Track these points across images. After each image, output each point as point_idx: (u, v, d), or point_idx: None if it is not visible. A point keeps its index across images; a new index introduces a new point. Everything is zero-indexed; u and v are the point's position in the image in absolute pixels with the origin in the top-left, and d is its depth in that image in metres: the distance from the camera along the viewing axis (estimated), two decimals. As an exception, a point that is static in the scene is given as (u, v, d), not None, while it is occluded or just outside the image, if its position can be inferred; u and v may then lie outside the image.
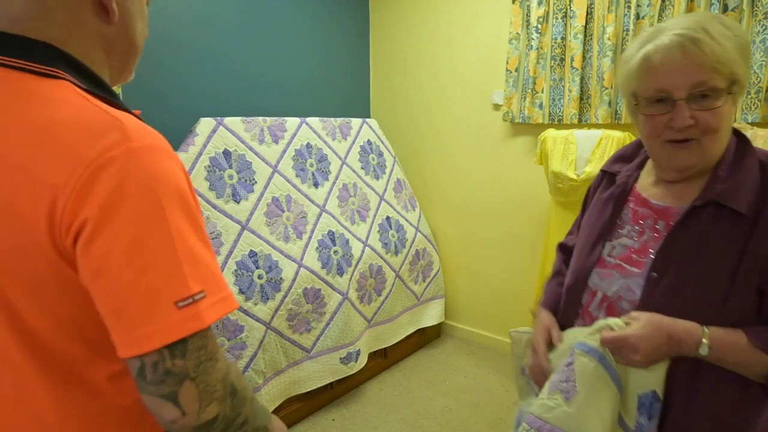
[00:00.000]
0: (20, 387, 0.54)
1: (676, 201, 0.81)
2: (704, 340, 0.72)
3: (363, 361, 2.39)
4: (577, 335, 0.84)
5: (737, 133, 0.81)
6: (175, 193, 0.51)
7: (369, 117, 3.26)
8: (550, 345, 0.92)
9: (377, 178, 2.75)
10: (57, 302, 0.52)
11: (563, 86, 2.38)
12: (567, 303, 0.93)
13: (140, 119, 0.58)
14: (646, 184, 0.87)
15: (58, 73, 0.52)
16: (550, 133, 2.22)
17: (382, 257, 2.54)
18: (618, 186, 0.90)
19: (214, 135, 2.07)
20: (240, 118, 2.21)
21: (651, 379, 0.77)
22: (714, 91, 0.71)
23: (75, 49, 0.56)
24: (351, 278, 2.37)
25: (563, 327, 0.93)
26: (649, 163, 0.89)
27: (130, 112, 0.58)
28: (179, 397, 0.51)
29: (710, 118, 0.72)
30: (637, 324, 0.75)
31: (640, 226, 0.84)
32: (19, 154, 0.49)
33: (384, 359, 2.66)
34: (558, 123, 2.43)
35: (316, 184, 2.42)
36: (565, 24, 2.31)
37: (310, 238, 2.26)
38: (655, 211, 0.83)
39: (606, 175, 0.96)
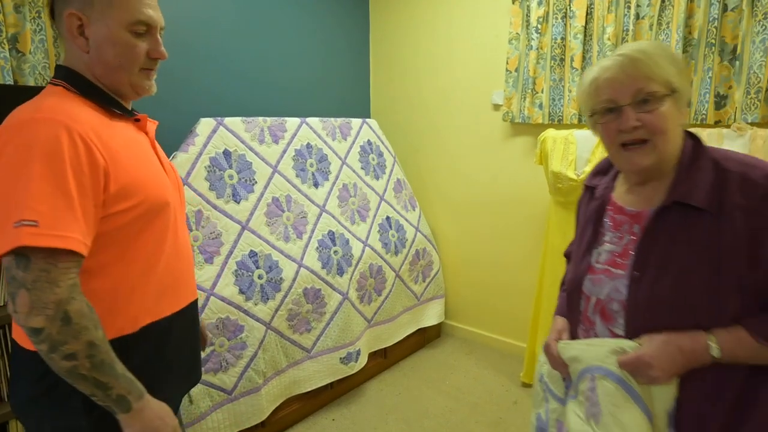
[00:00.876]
0: None
1: (646, 205, 0.89)
2: (711, 343, 0.77)
3: (363, 361, 2.39)
4: (590, 351, 0.89)
5: (692, 136, 0.89)
6: (43, 153, 0.71)
7: (369, 117, 3.26)
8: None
9: (377, 178, 2.75)
10: None
11: (563, 86, 2.38)
12: (569, 310, 1.00)
13: (140, 120, 0.94)
14: (620, 192, 0.96)
15: (59, 83, 0.85)
16: (550, 133, 2.22)
17: (382, 257, 2.54)
18: (596, 199, 0.99)
19: (214, 135, 2.07)
20: (240, 118, 2.22)
21: (672, 392, 0.81)
22: (653, 96, 0.81)
23: (84, 71, 0.85)
24: (351, 278, 2.37)
25: (572, 329, 1.00)
26: (622, 173, 0.98)
27: (110, 108, 0.87)
28: (16, 298, 0.71)
29: (653, 119, 0.82)
30: (648, 343, 0.80)
31: (619, 231, 0.92)
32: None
33: (384, 359, 2.66)
34: (558, 123, 2.43)
35: (316, 184, 2.42)
36: (565, 24, 2.31)
37: (310, 238, 2.26)
38: (630, 216, 0.91)
39: (588, 190, 1.06)
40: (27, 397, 0.84)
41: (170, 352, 0.94)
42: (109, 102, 0.87)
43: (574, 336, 0.99)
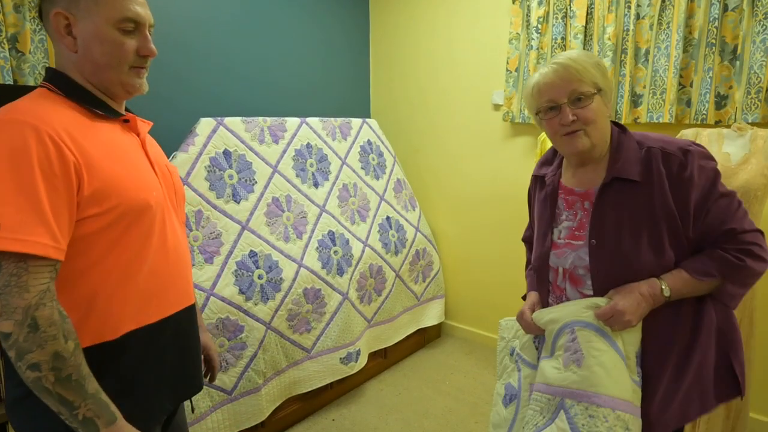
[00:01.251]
0: None
1: (591, 184, 1.07)
2: (663, 286, 0.97)
3: (363, 361, 2.39)
4: (566, 310, 1.04)
5: (618, 125, 1.09)
6: (8, 155, 0.69)
7: (369, 117, 3.26)
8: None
9: (377, 178, 2.75)
10: None
11: (563, 86, 2.38)
12: (539, 284, 1.16)
13: (128, 120, 0.92)
14: (567, 177, 1.14)
15: (44, 84, 0.84)
16: (550, 133, 2.22)
17: (382, 257, 2.54)
18: (548, 185, 1.15)
19: (214, 135, 2.07)
20: (240, 118, 2.21)
21: (638, 336, 1.00)
22: (584, 95, 0.99)
23: (72, 71, 0.85)
24: (351, 278, 2.37)
25: (542, 303, 1.17)
26: (565, 161, 1.15)
27: (93, 110, 0.85)
28: None
29: (586, 113, 1.00)
30: (618, 296, 0.98)
31: (573, 209, 1.09)
32: None
33: (384, 359, 2.66)
34: (558, 123, 2.43)
35: (316, 184, 2.42)
36: (565, 24, 2.31)
37: (310, 238, 2.26)
38: (579, 195, 1.09)
39: (537, 179, 1.22)
40: (13, 398, 0.83)
41: (157, 359, 0.90)
42: (91, 102, 0.85)
43: (545, 305, 1.15)
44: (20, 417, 0.83)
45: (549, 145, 2.23)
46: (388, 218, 2.68)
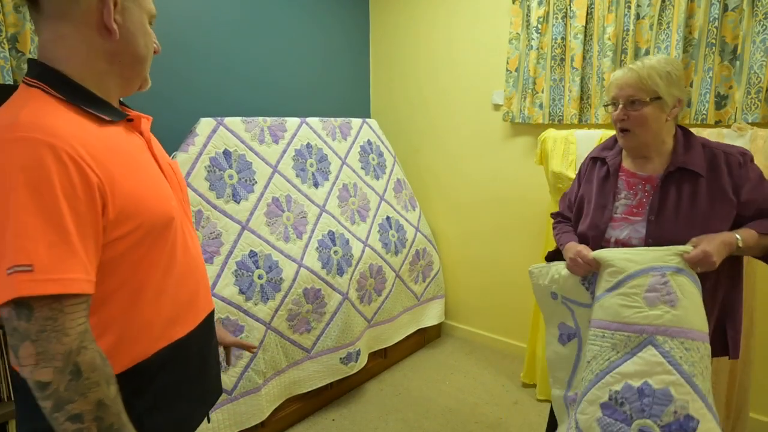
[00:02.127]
0: None
1: (652, 171, 1.26)
2: (738, 236, 1.15)
3: (363, 361, 2.39)
4: (648, 255, 1.15)
5: (684, 129, 1.28)
6: (28, 182, 0.60)
7: (369, 117, 3.26)
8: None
9: (377, 178, 2.75)
10: None
11: (563, 86, 2.38)
12: (593, 248, 1.27)
13: (132, 120, 0.82)
14: (628, 162, 1.32)
15: (35, 83, 0.71)
16: (550, 133, 2.22)
17: (382, 257, 2.54)
18: (611, 166, 1.33)
19: (214, 135, 2.07)
20: (240, 118, 2.21)
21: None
22: (639, 100, 1.19)
23: (76, 64, 0.74)
24: (351, 278, 2.37)
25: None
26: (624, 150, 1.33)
27: (98, 115, 0.74)
28: (19, 351, 0.61)
29: (636, 115, 1.20)
30: (703, 243, 1.12)
31: (633, 190, 1.28)
32: None
33: (384, 359, 2.66)
34: (558, 123, 2.43)
35: (316, 184, 2.42)
36: (565, 24, 2.31)
37: (310, 238, 2.26)
38: (641, 179, 1.27)
39: (597, 160, 1.39)
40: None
41: (187, 371, 0.87)
42: (95, 105, 0.75)
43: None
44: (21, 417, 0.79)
45: (549, 145, 2.24)
46: (388, 218, 2.68)
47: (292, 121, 2.43)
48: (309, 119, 2.53)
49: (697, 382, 1.06)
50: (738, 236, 1.15)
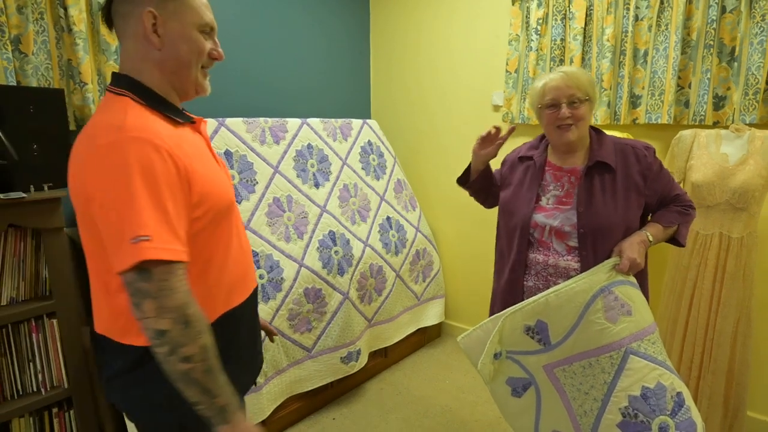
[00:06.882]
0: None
1: (574, 164, 1.40)
2: (648, 234, 1.31)
3: (363, 360, 2.40)
4: (591, 280, 1.22)
5: (596, 129, 1.43)
6: (140, 173, 0.76)
7: (369, 118, 3.27)
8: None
9: (378, 178, 2.77)
10: (90, 235, 0.85)
11: (562, 87, 2.39)
12: (520, 236, 1.42)
13: (190, 123, 0.97)
14: (554, 158, 1.45)
15: (123, 92, 0.87)
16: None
17: (382, 257, 2.55)
18: (537, 162, 1.46)
19: (215, 136, 2.08)
20: (241, 118, 2.23)
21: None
22: (578, 99, 1.32)
23: (146, 75, 0.89)
24: (352, 278, 2.38)
25: (522, 254, 1.44)
26: (551, 147, 1.46)
27: (174, 118, 0.89)
28: (142, 306, 0.76)
29: (578, 112, 1.32)
30: (626, 251, 1.25)
31: (560, 182, 1.40)
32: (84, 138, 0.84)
33: (384, 358, 2.67)
34: (557, 124, 2.44)
35: (317, 185, 2.43)
36: (565, 25, 2.32)
37: (311, 238, 2.27)
38: (566, 172, 1.40)
39: (524, 159, 1.52)
40: (114, 371, 0.92)
41: (240, 338, 1.01)
42: (169, 110, 0.90)
43: (527, 258, 1.43)
44: (122, 389, 0.92)
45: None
46: (388, 218, 2.69)
47: (293, 122, 2.44)
48: (310, 120, 2.54)
49: (667, 362, 1.21)
50: (648, 234, 1.31)
